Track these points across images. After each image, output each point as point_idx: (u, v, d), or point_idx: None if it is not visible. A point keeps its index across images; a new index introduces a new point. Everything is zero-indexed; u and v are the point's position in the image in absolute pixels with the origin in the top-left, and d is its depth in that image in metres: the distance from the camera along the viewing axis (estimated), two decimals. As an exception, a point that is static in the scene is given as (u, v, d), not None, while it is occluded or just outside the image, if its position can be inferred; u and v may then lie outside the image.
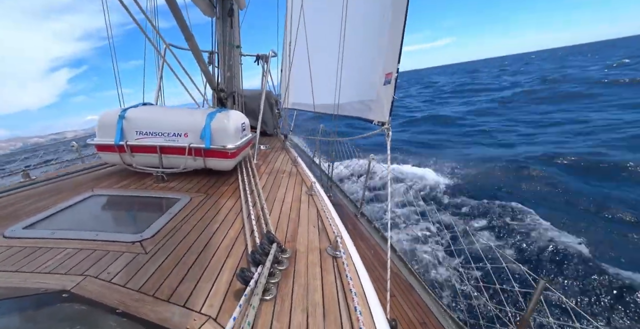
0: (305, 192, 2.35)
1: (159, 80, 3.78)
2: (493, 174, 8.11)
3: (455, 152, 10.89)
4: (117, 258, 1.38)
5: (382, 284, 1.88)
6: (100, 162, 3.13)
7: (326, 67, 4.10)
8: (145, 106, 2.84)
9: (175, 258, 1.40)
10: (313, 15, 4.49)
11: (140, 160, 2.62)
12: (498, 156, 9.50)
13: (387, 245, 2.06)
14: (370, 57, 3.07)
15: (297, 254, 1.46)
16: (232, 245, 1.53)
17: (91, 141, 2.65)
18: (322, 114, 5.13)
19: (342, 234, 1.63)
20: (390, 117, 2.58)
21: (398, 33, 2.41)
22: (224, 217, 1.87)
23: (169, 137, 2.55)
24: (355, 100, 3.49)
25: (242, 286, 1.14)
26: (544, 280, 1.74)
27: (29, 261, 1.35)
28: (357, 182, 7.84)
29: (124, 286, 1.18)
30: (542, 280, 1.73)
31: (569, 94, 18.85)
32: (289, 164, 3.31)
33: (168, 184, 2.48)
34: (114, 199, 2.22)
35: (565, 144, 10.06)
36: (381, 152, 5.08)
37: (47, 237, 1.56)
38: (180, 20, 2.27)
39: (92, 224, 1.84)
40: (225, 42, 3.85)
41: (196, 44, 2.60)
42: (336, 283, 1.26)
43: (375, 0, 2.92)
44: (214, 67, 4.00)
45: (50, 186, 2.50)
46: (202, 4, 3.41)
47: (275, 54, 4.44)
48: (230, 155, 2.57)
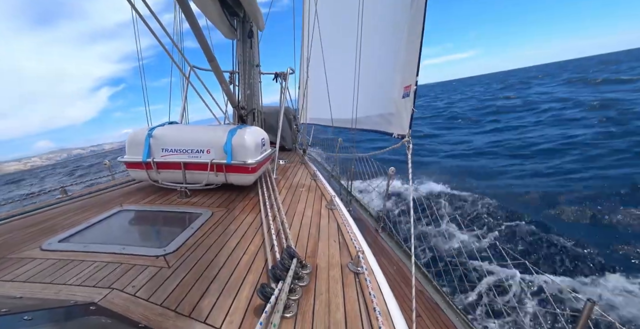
0: (325, 207, 2.34)
1: (183, 100, 3.98)
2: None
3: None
4: (142, 272, 1.41)
5: (407, 303, 1.79)
6: (128, 178, 3.28)
7: (344, 82, 4.16)
8: (171, 125, 2.98)
9: (197, 272, 1.41)
10: (329, 30, 4.62)
11: (166, 176, 2.72)
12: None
13: (410, 261, 1.98)
14: (388, 70, 3.09)
15: (317, 270, 1.43)
16: (252, 260, 1.53)
17: (121, 158, 2.79)
18: (342, 129, 5.16)
19: (363, 249, 1.59)
20: (411, 129, 2.55)
21: (416, 46, 2.42)
22: (245, 232, 1.88)
23: (193, 153, 2.64)
24: (374, 113, 3.49)
25: (262, 303, 1.12)
26: (591, 301, 1.57)
27: (63, 273, 1.40)
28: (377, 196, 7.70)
29: (147, 300, 1.19)
30: (590, 302, 1.57)
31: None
32: (308, 178, 3.31)
33: (191, 200, 2.54)
34: (141, 214, 2.30)
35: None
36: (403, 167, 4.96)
37: (79, 250, 1.63)
38: (204, 43, 2.40)
39: (120, 238, 1.91)
40: (246, 62, 4.01)
41: (218, 65, 2.73)
42: (359, 300, 1.22)
43: (392, 14, 2.96)
44: (234, 86, 4.16)
45: (84, 201, 2.63)
46: (223, 28, 3.60)
47: (293, 71, 4.57)
48: (251, 170, 2.61)
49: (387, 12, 3.10)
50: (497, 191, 7.69)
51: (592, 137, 11.48)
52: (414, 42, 2.49)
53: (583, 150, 10.30)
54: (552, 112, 18.03)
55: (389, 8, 3.04)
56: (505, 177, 9.11)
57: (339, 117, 4.86)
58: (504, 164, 10.41)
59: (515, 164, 10.15)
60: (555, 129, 13.92)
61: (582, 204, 6.46)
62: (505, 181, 8.74)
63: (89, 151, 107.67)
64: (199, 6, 2.90)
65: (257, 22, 3.90)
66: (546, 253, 4.93)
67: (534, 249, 5.08)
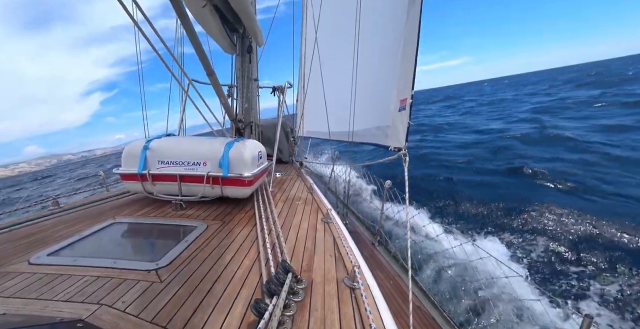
0: (321, 220, 2.31)
1: (181, 113, 4.00)
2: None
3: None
4: (133, 287, 1.37)
5: (404, 319, 1.75)
6: (122, 190, 3.24)
7: (341, 95, 4.22)
8: (168, 137, 2.98)
9: (190, 287, 1.38)
10: (327, 44, 4.72)
11: (161, 188, 2.70)
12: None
13: (407, 275, 1.95)
14: (384, 84, 3.15)
15: (313, 285, 1.40)
16: (246, 275, 1.50)
17: (117, 170, 2.77)
18: (338, 142, 5.18)
19: (359, 264, 1.56)
20: (407, 143, 2.57)
21: (411, 59, 2.47)
22: (240, 246, 1.85)
23: (189, 166, 2.63)
24: (371, 126, 3.52)
25: (256, 318, 1.09)
26: (589, 318, 1.54)
27: (50, 288, 1.36)
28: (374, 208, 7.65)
29: (137, 316, 1.16)
30: (588, 317, 1.54)
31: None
32: (305, 191, 3.30)
33: (186, 212, 2.51)
34: (134, 226, 2.26)
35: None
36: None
37: (69, 264, 1.59)
38: (203, 58, 2.44)
39: (112, 251, 1.86)
40: (244, 76, 4.08)
41: (217, 79, 2.76)
42: (354, 317, 1.19)
43: (388, 28, 3.04)
44: (232, 99, 4.21)
45: (76, 213, 2.59)
46: (223, 43, 3.68)
47: (291, 85, 4.63)
48: (247, 183, 2.60)
49: (383, 27, 3.19)
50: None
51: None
52: (409, 55, 2.55)
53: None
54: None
55: (386, 22, 3.13)
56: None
57: (336, 130, 4.89)
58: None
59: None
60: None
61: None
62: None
63: (80, 156, 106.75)
64: (200, 22, 2.96)
65: (256, 38, 3.99)
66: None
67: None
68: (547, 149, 10.04)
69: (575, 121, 14.18)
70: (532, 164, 8.54)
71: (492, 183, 7.89)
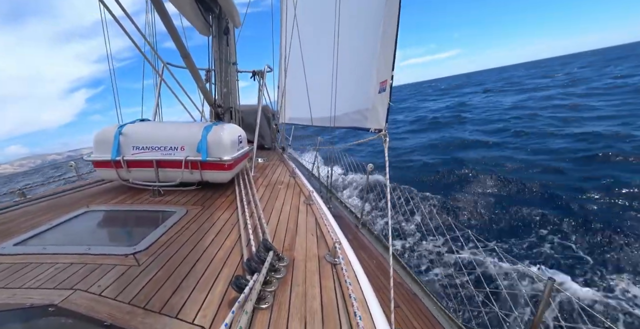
0: (304, 202, 2.32)
1: (156, 97, 3.84)
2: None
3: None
4: (109, 271, 1.33)
5: (386, 295, 1.81)
6: (96, 179, 3.11)
7: (322, 81, 4.17)
8: (142, 122, 2.86)
9: (169, 269, 1.35)
10: (307, 29, 4.61)
11: (137, 175, 2.60)
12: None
13: (389, 255, 2.00)
14: (364, 67, 3.12)
15: (295, 263, 1.41)
16: (227, 255, 1.49)
17: (87, 157, 2.65)
18: (320, 128, 5.16)
19: (340, 240, 1.58)
20: (387, 124, 2.58)
21: (391, 41, 2.45)
22: (220, 229, 1.82)
23: (166, 151, 2.54)
24: (351, 111, 3.51)
25: (237, 295, 1.09)
26: (552, 280, 1.66)
27: (18, 276, 1.30)
28: (356, 192, 7.76)
29: (114, 299, 1.13)
30: (551, 280, 1.66)
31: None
32: (287, 175, 3.28)
33: (164, 198, 2.44)
34: (109, 214, 2.18)
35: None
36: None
37: (38, 252, 1.51)
38: (177, 39, 2.32)
39: (85, 239, 1.79)
40: (222, 60, 3.93)
41: (193, 62, 2.64)
42: (335, 289, 1.21)
43: (368, 10, 2.99)
44: (210, 84, 4.07)
45: (46, 203, 2.46)
46: (198, 24, 3.51)
47: (271, 69, 4.53)
48: (227, 167, 2.55)
49: (363, 9, 3.14)
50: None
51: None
52: (389, 37, 2.52)
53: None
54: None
55: (365, 4, 3.08)
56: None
57: (317, 116, 4.86)
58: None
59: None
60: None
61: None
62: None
63: (65, 156, 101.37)
64: (171, 0, 2.81)
65: (232, 19, 3.83)
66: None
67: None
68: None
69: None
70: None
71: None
